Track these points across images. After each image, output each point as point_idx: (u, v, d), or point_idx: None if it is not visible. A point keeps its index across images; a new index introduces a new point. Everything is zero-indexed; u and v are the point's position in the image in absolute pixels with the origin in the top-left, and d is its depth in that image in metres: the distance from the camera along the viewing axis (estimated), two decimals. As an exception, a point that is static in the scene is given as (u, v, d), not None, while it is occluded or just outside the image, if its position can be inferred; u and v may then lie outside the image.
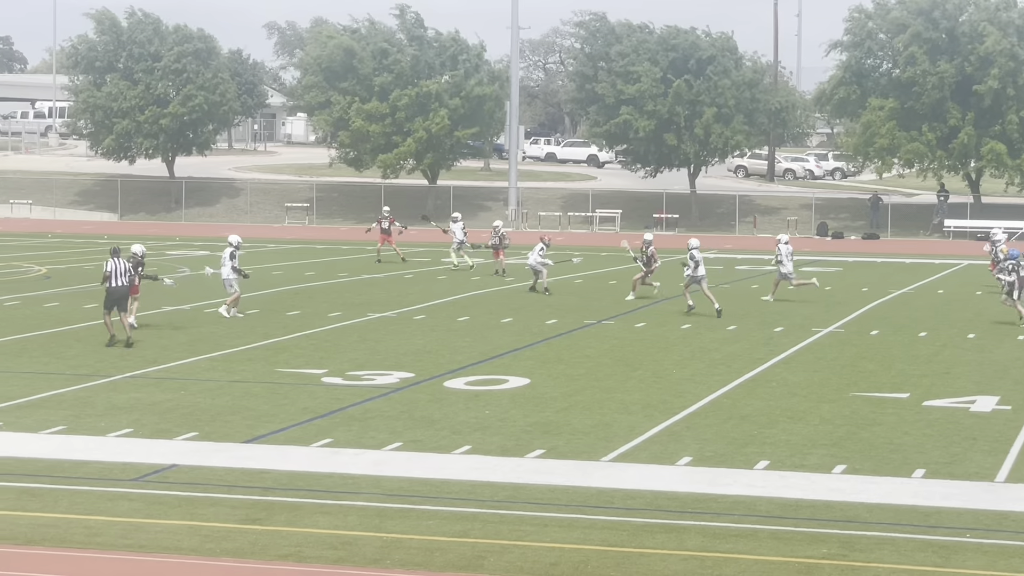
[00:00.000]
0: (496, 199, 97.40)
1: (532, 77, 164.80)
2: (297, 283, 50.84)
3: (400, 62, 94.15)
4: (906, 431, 24.87)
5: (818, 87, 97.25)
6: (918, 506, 19.77)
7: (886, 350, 35.23)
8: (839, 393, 28.75)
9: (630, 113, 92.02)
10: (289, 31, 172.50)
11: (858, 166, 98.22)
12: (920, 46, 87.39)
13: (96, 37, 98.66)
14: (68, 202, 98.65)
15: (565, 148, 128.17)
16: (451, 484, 20.74)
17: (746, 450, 23.17)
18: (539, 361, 32.76)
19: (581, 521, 18.88)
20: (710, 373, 31.22)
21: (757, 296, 48.08)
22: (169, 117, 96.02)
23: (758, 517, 19.14)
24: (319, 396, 27.82)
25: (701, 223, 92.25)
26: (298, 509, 19.35)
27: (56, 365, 31.30)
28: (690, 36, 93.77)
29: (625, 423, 25.33)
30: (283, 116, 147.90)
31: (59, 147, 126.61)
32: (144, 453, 22.53)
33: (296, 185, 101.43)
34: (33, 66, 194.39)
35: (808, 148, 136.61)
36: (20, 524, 18.38)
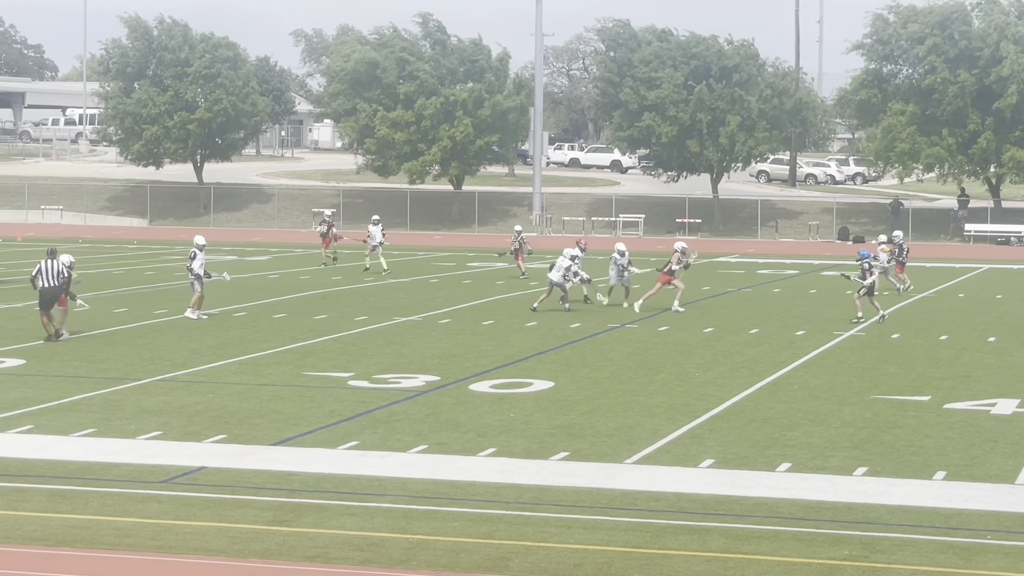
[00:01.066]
0: (521, 204, 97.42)
1: (556, 83, 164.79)
2: (324, 288, 50.89)
3: (422, 70, 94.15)
4: (927, 433, 24.81)
5: (839, 90, 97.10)
6: (939, 508, 19.72)
7: (907, 353, 35.15)
8: (860, 396, 28.69)
9: (653, 119, 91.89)
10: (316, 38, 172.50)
11: (879, 171, 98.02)
12: (939, 55, 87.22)
13: (129, 43, 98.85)
14: (98, 208, 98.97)
15: (589, 154, 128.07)
16: (476, 486, 20.75)
17: (768, 452, 23.14)
18: (563, 364, 32.75)
19: (605, 523, 18.87)
20: (732, 376, 31.18)
21: (779, 300, 48.02)
22: (196, 123, 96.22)
23: (780, 519, 19.11)
24: (346, 399, 27.84)
25: (724, 228, 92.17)
26: (325, 511, 19.37)
27: (86, 369, 31.38)
28: (712, 44, 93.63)
29: (648, 426, 25.31)
30: (310, 123, 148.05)
31: (89, 153, 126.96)
32: (173, 456, 22.57)
33: (323, 191, 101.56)
34: (64, 74, 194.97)
35: (829, 153, 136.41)
36: (51, 525, 18.43)
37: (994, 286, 55.29)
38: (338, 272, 57.97)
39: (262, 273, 57.53)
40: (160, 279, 53.50)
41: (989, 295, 51.29)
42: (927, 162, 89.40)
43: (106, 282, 51.48)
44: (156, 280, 53.06)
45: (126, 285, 50.68)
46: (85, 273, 51.40)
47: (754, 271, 61.87)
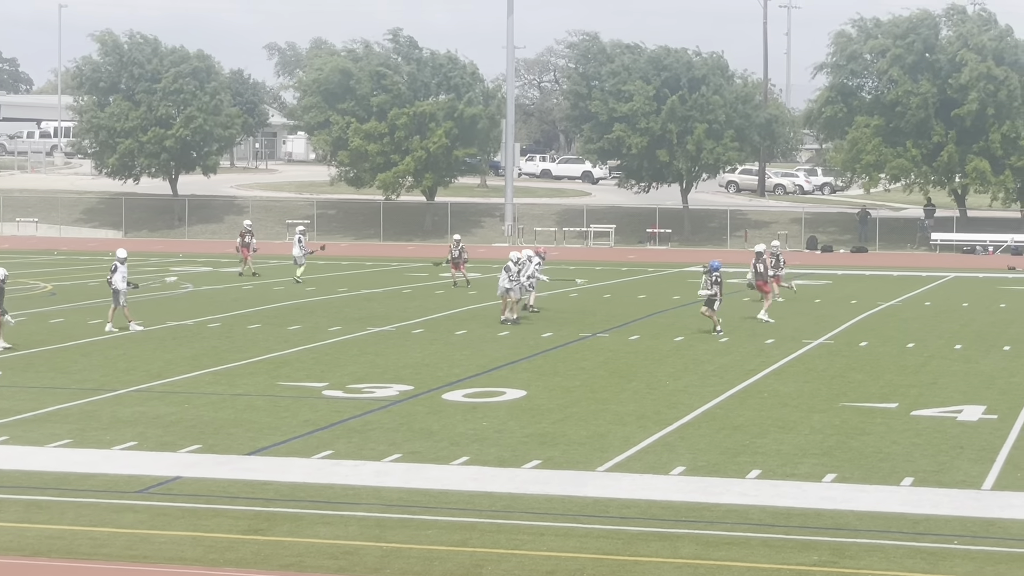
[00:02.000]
0: (493, 215, 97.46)
1: (527, 96, 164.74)
2: (298, 298, 50.82)
3: (397, 83, 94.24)
4: (895, 440, 24.87)
5: (807, 105, 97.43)
6: (907, 514, 19.77)
7: (875, 361, 35.24)
8: (829, 403, 28.75)
9: (623, 130, 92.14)
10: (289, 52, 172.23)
11: (846, 181, 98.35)
12: (901, 67, 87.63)
13: (100, 58, 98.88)
14: (73, 220, 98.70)
15: (560, 165, 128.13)
16: (450, 494, 20.74)
17: (738, 460, 23.17)
18: (535, 373, 32.76)
19: (577, 530, 18.88)
20: (703, 384, 31.21)
21: (749, 309, 48.07)
22: (172, 139, 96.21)
23: (750, 525, 19.14)
24: (320, 409, 27.81)
25: (693, 237, 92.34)
26: (300, 520, 19.34)
27: (62, 380, 31.29)
28: (682, 56, 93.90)
29: (620, 434, 25.33)
30: (284, 135, 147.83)
31: (64, 166, 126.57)
32: (148, 466, 22.51)
33: (297, 202, 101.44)
34: (39, 87, 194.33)
35: (798, 164, 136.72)
36: (27, 536, 18.37)
37: (960, 294, 55.49)
38: (312, 283, 57.87)
39: (236, 284, 57.42)
40: (135, 291, 53.28)
41: (955, 303, 51.46)
42: (893, 173, 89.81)
43: (81, 294, 51.34)
44: (131, 292, 52.81)
45: (101, 297, 50.46)
46: (61, 285, 51.30)
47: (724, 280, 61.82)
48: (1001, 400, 29.30)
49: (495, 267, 67.56)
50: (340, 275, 62.32)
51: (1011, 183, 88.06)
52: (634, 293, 54.58)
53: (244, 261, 62.13)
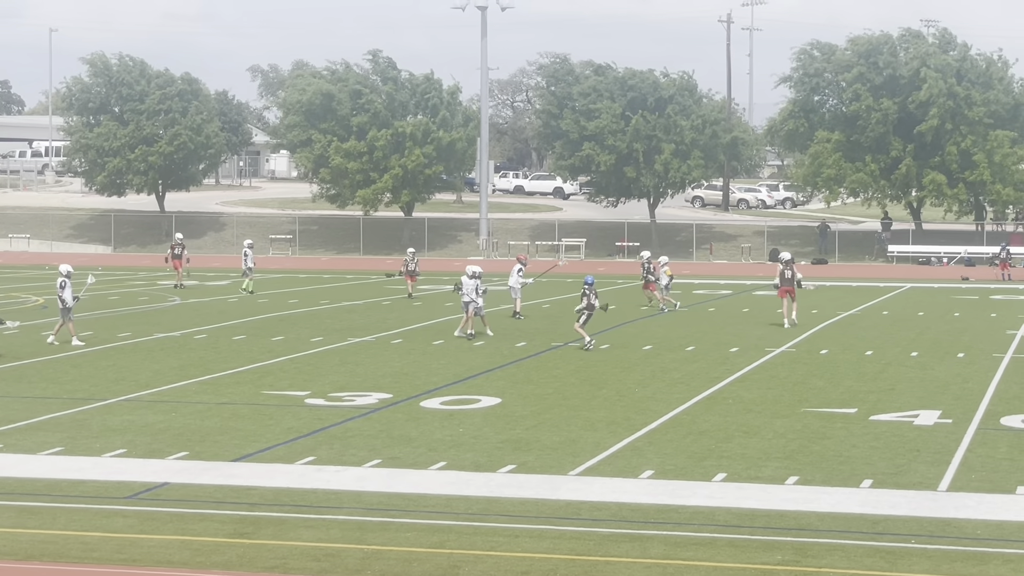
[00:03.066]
0: (468, 230, 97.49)
1: (501, 115, 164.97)
2: (281, 310, 50.74)
3: (375, 103, 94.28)
4: (854, 444, 24.91)
5: (769, 121, 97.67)
6: (866, 514, 19.80)
7: (835, 368, 35.29)
8: (791, 409, 28.79)
9: (592, 148, 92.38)
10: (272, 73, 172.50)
11: (807, 195, 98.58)
12: (864, 84, 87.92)
13: (89, 80, 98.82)
14: (64, 236, 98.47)
15: (532, 181, 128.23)
16: (428, 498, 20.72)
17: (704, 463, 23.19)
18: (510, 381, 32.75)
19: (550, 532, 18.87)
20: (670, 391, 31.23)
21: (714, 319, 48.16)
22: (157, 155, 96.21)
23: (716, 526, 19.15)
24: (303, 417, 27.76)
25: (661, 250, 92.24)
26: (283, 523, 19.30)
27: (53, 390, 31.18)
28: (648, 76, 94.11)
29: (591, 439, 25.33)
30: (267, 153, 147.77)
31: (55, 184, 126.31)
32: (137, 472, 22.45)
33: (279, 218, 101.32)
34: (30, 108, 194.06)
35: (760, 179, 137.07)
36: (20, 540, 18.31)
37: (916, 304, 55.62)
38: (294, 296, 57.79)
39: (221, 297, 57.31)
40: (124, 304, 53.22)
41: (911, 312, 51.58)
42: (852, 187, 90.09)
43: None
44: (120, 305, 52.79)
45: (91, 310, 50.35)
46: (52, 299, 51.07)
47: (690, 291, 61.99)
48: (955, 405, 29.37)
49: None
50: (322, 288, 62.23)
51: (964, 196, 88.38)
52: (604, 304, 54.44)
53: (176, 273, 61.84)
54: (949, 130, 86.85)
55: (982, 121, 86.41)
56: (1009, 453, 24.21)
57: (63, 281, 40.04)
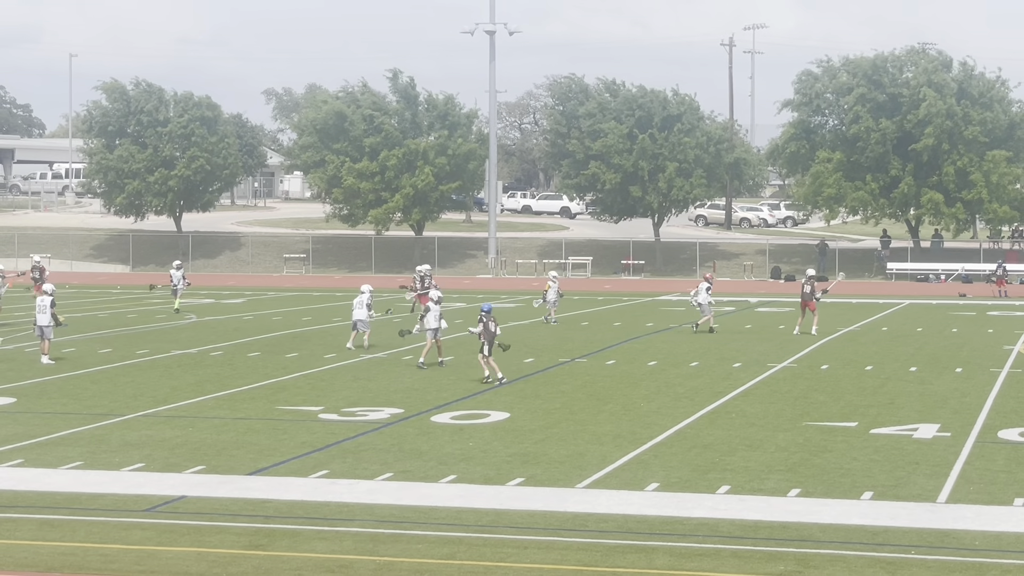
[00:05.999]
0: (478, 248, 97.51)
1: (509, 136, 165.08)
2: (295, 328, 50.75)
3: (387, 124, 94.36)
4: (855, 457, 24.88)
5: (771, 142, 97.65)
6: (867, 526, 19.78)
7: (835, 383, 35.26)
8: (793, 423, 28.76)
9: (598, 167, 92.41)
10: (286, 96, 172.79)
11: (807, 214, 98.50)
12: (864, 105, 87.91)
13: (108, 104, 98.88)
14: (84, 255, 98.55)
15: (540, 201, 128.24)
16: (438, 511, 20.70)
17: (708, 476, 23.16)
18: (518, 397, 32.73)
19: (558, 543, 18.85)
20: (675, 406, 31.21)
21: (718, 335, 48.12)
22: (176, 179, 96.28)
23: (720, 538, 19.13)
24: (316, 431, 27.76)
25: (665, 268, 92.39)
26: (298, 535, 19.29)
27: (73, 405, 31.20)
28: (659, 95, 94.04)
29: (597, 453, 25.31)
30: (281, 174, 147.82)
31: (75, 205, 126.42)
32: (155, 486, 22.45)
33: (293, 238, 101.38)
34: (51, 131, 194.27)
35: (762, 199, 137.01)
36: (41, 553, 18.31)
37: (915, 320, 55.57)
38: (308, 313, 57.80)
39: (237, 315, 57.33)
40: (142, 321, 53.27)
41: (910, 328, 51.53)
42: (852, 205, 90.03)
43: (91, 324, 51.23)
44: (138, 322, 52.83)
45: (110, 327, 50.43)
46: (72, 316, 51.16)
47: (694, 308, 61.89)
48: (954, 419, 29.33)
49: (480, 298, 67.61)
50: (335, 305, 62.23)
51: (962, 215, 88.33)
52: (610, 321, 54.58)
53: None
54: (947, 150, 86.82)
55: (977, 140, 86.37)
56: (1006, 466, 24.18)
57: (52, 300, 40.02)
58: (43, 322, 39.76)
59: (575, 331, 49.82)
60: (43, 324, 39.76)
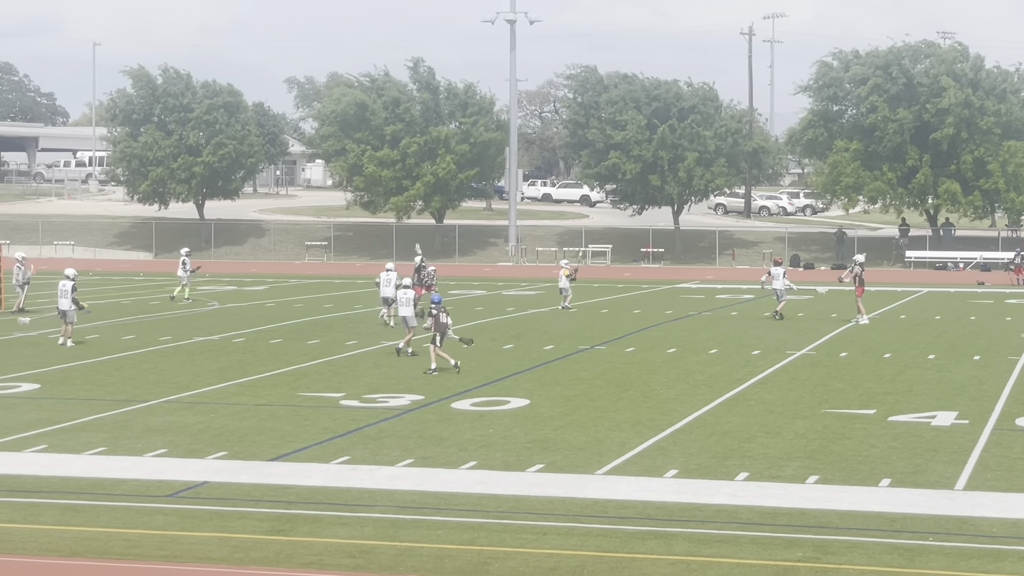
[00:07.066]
0: (498, 236, 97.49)
1: (529, 125, 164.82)
2: (317, 315, 50.81)
3: (411, 111, 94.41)
4: (873, 444, 24.83)
5: (789, 129, 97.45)
6: (885, 512, 19.73)
7: (854, 370, 35.19)
8: (812, 410, 28.71)
9: (618, 157, 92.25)
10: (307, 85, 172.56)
11: (826, 203, 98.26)
12: (880, 95, 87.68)
13: (133, 91, 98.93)
14: (107, 243, 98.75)
15: (560, 189, 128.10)
16: (459, 496, 20.70)
17: (727, 463, 23.13)
18: (538, 384, 32.72)
19: (577, 529, 18.84)
20: (694, 393, 31.18)
21: (737, 323, 48.06)
22: (201, 165, 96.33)
23: (739, 524, 19.10)
24: (338, 417, 27.78)
25: (684, 256, 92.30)
26: (319, 521, 19.31)
27: (96, 392, 31.27)
28: (673, 87, 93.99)
29: (617, 439, 25.29)
30: (303, 162, 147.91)
31: (98, 193, 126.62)
32: (178, 471, 22.49)
33: (315, 225, 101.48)
34: (74, 119, 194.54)
35: (781, 187, 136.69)
36: (65, 537, 18.35)
37: (933, 308, 55.44)
38: (330, 300, 57.85)
39: (259, 302, 57.41)
40: (164, 308, 53.37)
41: (928, 316, 51.41)
42: (870, 195, 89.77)
43: (115, 311, 51.34)
44: (161, 309, 52.93)
45: (133, 314, 50.54)
46: (96, 304, 51.27)
47: (713, 296, 61.93)
48: (972, 406, 29.26)
49: (499, 285, 67.67)
50: (356, 293, 62.27)
51: (979, 203, 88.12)
52: (630, 308, 54.54)
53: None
54: (964, 139, 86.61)
55: (992, 131, 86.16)
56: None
57: (74, 285, 40.30)
58: (64, 307, 40.09)
59: (594, 318, 49.79)
60: (64, 308, 40.09)
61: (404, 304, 37.93)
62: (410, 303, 37.67)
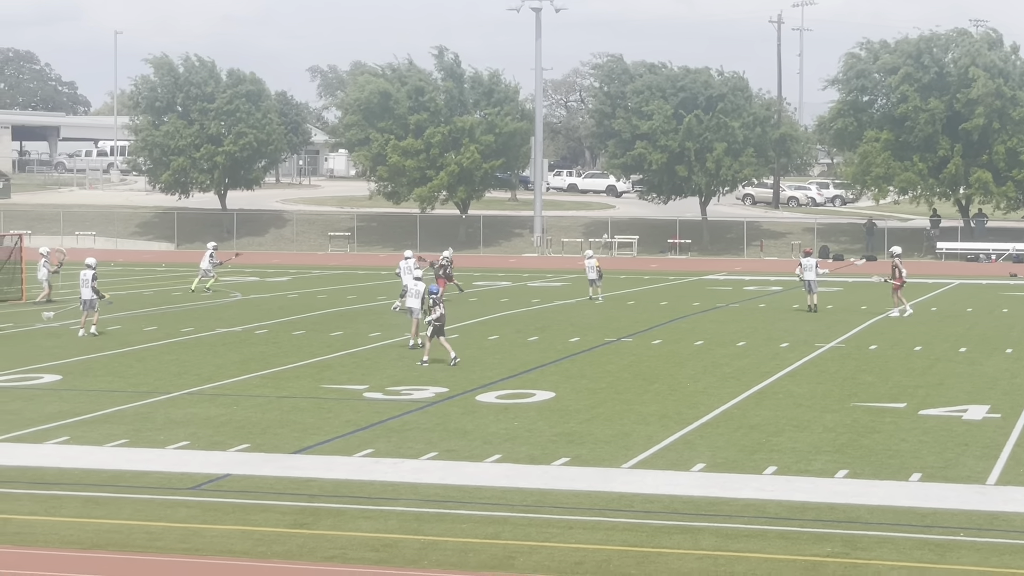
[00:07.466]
0: (523, 227, 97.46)
1: (555, 114, 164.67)
2: (340, 306, 50.86)
3: (435, 100, 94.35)
4: (903, 438, 24.77)
5: (818, 119, 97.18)
6: (915, 507, 19.69)
7: (884, 363, 35.11)
8: (841, 403, 28.66)
9: (644, 147, 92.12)
10: (331, 74, 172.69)
11: (856, 193, 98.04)
12: (911, 85, 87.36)
13: (156, 79, 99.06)
14: (129, 233, 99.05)
15: (585, 179, 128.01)
16: (483, 490, 20.72)
17: (755, 457, 23.11)
18: (563, 376, 32.72)
19: (603, 523, 18.84)
20: (721, 386, 31.14)
21: (765, 315, 47.98)
22: (223, 155, 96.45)
23: (767, 519, 19.08)
24: (361, 410, 27.82)
25: (712, 247, 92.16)
26: (342, 514, 19.34)
27: (119, 383, 31.36)
28: (702, 75, 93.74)
29: (643, 433, 25.28)
30: (326, 152, 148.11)
31: (120, 183, 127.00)
32: (200, 464, 22.55)
33: (338, 216, 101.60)
34: (96, 109, 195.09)
35: (810, 177, 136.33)
36: (87, 530, 18.42)
37: (964, 300, 55.26)
38: (353, 291, 57.92)
39: (282, 293, 57.52)
40: (187, 299, 53.49)
41: (960, 308, 51.25)
42: (901, 185, 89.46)
43: (136, 302, 51.49)
44: (183, 300, 53.06)
45: (155, 305, 50.68)
46: (117, 295, 51.41)
47: (741, 288, 61.84)
48: (1004, 400, 29.17)
49: (525, 276, 67.70)
50: (380, 284, 62.33)
51: (1012, 193, 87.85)
52: (656, 300, 54.51)
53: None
54: (996, 130, 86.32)
55: None
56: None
57: (94, 274, 40.58)
58: (86, 296, 40.40)
59: (621, 310, 49.77)
60: (86, 298, 40.40)
61: (414, 296, 37.66)
62: (419, 295, 37.42)
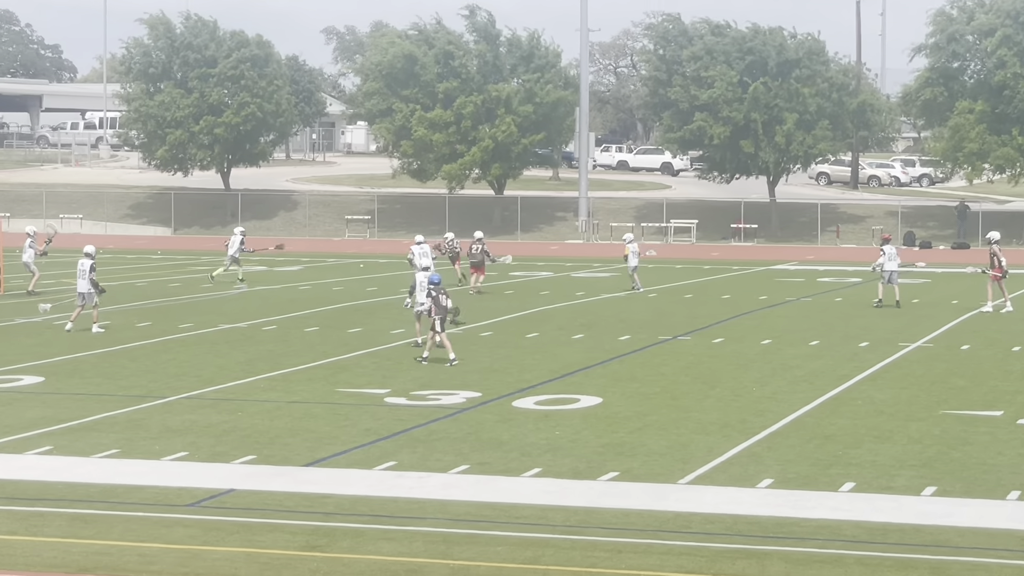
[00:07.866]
0: (567, 209, 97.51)
1: (602, 81, 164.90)
2: (358, 299, 51.00)
3: (466, 66, 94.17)
4: (1000, 451, 24.71)
5: (903, 88, 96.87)
6: (1013, 530, 19.65)
7: (978, 365, 35.03)
8: (928, 411, 28.61)
9: (704, 119, 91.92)
10: (348, 36, 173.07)
11: (946, 172, 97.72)
12: (1010, 49, 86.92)
13: (151, 42, 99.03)
14: (120, 216, 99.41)
15: (637, 156, 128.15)
16: (521, 508, 20.76)
17: (830, 471, 23.09)
18: (612, 379, 32.75)
19: (657, 547, 18.87)
20: (792, 391, 31.13)
21: (841, 310, 47.90)
22: (223, 127, 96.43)
23: (844, 542, 19.07)
24: (382, 417, 27.90)
25: (781, 233, 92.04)
26: (361, 535, 19.41)
27: (108, 386, 31.51)
28: (776, 36, 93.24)
29: (703, 444, 25.29)
30: (342, 125, 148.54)
31: (110, 159, 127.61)
32: (200, 477, 22.65)
33: (357, 197, 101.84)
34: (83, 75, 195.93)
35: (894, 154, 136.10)
36: (73, 552, 18.52)
37: (1070, 294, 55.05)
38: (373, 283, 58.07)
39: (292, 284, 57.71)
40: (186, 291, 53.73)
41: (1065, 303, 51.06)
42: (997, 163, 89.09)
43: (129, 294, 51.73)
44: (181, 292, 53.30)
45: (150, 298, 50.91)
46: (107, 285, 51.65)
47: (814, 279, 61.76)
48: (1115, 408, 29.07)
49: (568, 266, 67.74)
50: (403, 274, 62.40)
51: None
52: (718, 293, 54.50)
53: None
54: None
55: None
56: None
57: (92, 264, 40.79)
58: (83, 288, 40.59)
59: (677, 305, 49.77)
60: (83, 291, 40.60)
61: (422, 289, 37.37)
62: (424, 287, 37.27)
